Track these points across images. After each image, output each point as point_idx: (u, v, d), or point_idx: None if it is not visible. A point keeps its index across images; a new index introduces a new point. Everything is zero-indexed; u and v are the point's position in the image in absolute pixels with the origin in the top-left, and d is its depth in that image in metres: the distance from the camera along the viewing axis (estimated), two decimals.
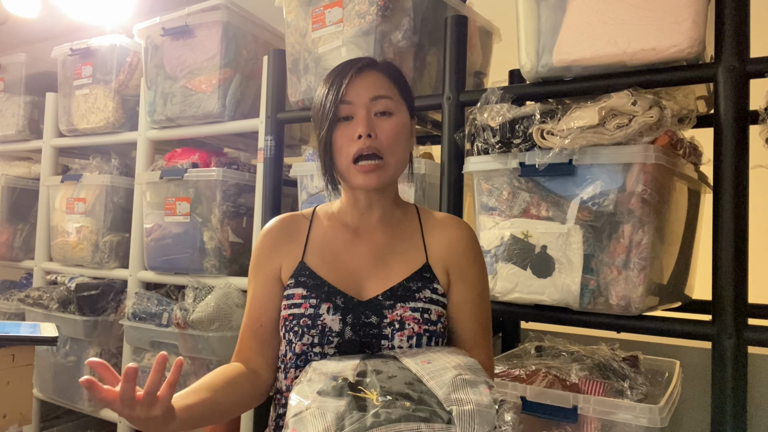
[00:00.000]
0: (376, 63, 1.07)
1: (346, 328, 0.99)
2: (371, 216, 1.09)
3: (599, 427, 1.16)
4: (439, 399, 0.79)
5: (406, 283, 1.03)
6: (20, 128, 2.66)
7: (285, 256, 1.08)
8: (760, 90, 1.19)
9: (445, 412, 0.76)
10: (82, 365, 2.23)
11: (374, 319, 1.00)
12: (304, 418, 0.77)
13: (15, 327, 1.45)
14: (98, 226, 2.32)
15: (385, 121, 1.02)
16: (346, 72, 1.03)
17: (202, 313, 1.82)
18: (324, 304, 1.01)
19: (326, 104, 1.02)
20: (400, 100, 1.06)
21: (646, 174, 1.17)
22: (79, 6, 2.87)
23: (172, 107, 2.09)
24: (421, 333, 0.99)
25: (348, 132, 1.01)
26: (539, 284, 1.29)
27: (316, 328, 0.99)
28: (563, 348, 1.47)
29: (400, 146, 1.03)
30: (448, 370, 0.85)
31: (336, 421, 0.75)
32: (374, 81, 1.04)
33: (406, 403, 0.77)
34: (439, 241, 1.07)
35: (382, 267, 1.05)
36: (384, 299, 1.01)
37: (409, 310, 1.00)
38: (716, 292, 1.16)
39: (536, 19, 1.34)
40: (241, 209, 2.04)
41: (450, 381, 0.82)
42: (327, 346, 0.99)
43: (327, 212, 1.13)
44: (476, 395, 0.79)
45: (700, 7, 1.16)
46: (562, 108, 1.27)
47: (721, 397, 1.13)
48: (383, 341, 0.99)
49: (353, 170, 1.01)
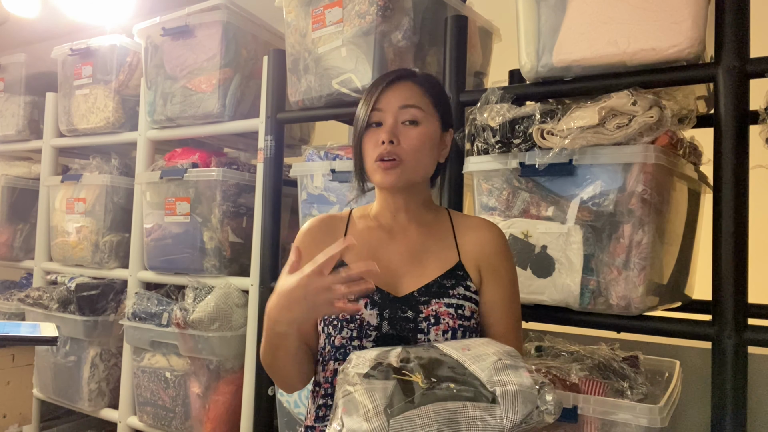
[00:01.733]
0: (412, 74, 1.13)
1: (384, 323, 1.04)
2: (403, 217, 1.14)
3: (599, 427, 1.16)
4: (482, 381, 0.82)
5: (440, 281, 1.07)
6: (20, 128, 2.66)
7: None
8: (760, 90, 1.19)
9: (489, 392, 0.80)
10: (82, 365, 2.23)
11: (410, 314, 1.04)
12: (353, 399, 0.80)
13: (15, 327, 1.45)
14: (98, 226, 2.32)
15: (411, 130, 1.08)
16: (381, 82, 1.11)
17: (202, 313, 1.82)
18: (362, 299, 1.05)
19: (361, 111, 1.11)
20: (431, 111, 1.11)
21: (646, 174, 1.17)
22: (79, 6, 2.87)
23: (172, 107, 2.09)
24: (456, 327, 1.03)
25: (375, 136, 1.08)
26: (539, 284, 1.29)
27: (354, 322, 1.04)
28: (563, 348, 1.47)
29: (422, 154, 1.08)
30: (488, 355, 0.88)
31: (385, 400, 0.78)
32: (406, 91, 1.09)
33: (451, 384, 0.81)
34: (471, 242, 1.12)
35: (417, 265, 1.10)
36: (419, 295, 1.06)
37: (443, 305, 1.04)
38: (716, 292, 1.16)
39: (536, 19, 1.34)
40: (241, 209, 2.04)
41: (491, 365, 0.85)
42: (365, 340, 1.03)
43: (362, 214, 1.19)
44: (518, 377, 0.83)
45: (700, 7, 1.16)
46: (562, 108, 1.27)
47: (721, 397, 1.13)
48: (419, 335, 1.03)
49: (375, 167, 1.07)
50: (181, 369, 1.93)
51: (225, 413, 1.90)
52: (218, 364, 1.88)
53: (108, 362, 2.27)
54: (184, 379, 1.92)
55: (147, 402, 2.02)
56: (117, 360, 2.27)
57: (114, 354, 2.28)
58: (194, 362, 1.89)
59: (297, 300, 0.90)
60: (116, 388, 2.23)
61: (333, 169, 1.70)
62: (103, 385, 2.26)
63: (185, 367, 1.92)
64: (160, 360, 1.98)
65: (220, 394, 1.90)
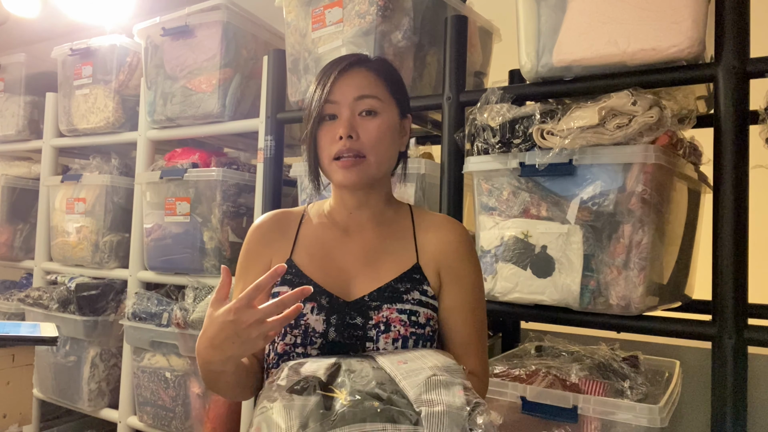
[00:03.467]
0: (365, 60, 1.05)
1: (330, 329, 0.96)
2: (361, 215, 1.07)
3: (599, 427, 1.16)
4: (410, 400, 0.77)
5: (394, 284, 0.99)
6: (20, 128, 2.66)
7: (275, 252, 1.06)
8: (760, 90, 1.19)
9: (414, 413, 0.75)
10: (82, 365, 2.23)
11: (359, 320, 0.97)
12: (268, 416, 0.77)
13: (15, 327, 1.45)
14: (98, 226, 2.32)
15: (370, 121, 1.00)
16: (332, 70, 1.02)
17: (202, 313, 1.82)
18: (308, 303, 0.97)
19: (312, 103, 1.02)
20: (388, 99, 1.03)
21: (646, 174, 1.17)
22: (79, 6, 2.87)
23: (172, 107, 2.09)
24: (408, 336, 0.95)
25: (331, 131, 1.00)
26: (539, 284, 1.29)
27: (299, 328, 0.96)
28: (563, 348, 1.47)
29: (383, 146, 1.01)
30: (423, 370, 0.83)
31: (300, 420, 0.74)
32: (361, 80, 1.01)
33: (375, 402, 0.76)
34: (431, 242, 1.04)
35: (372, 266, 1.02)
36: (370, 300, 0.98)
37: (396, 311, 0.96)
38: (716, 292, 1.16)
39: (536, 19, 1.34)
40: (241, 209, 2.04)
41: (423, 381, 0.80)
42: (310, 347, 0.96)
43: (318, 211, 1.11)
44: (449, 396, 0.78)
45: (700, 7, 1.16)
46: (562, 108, 1.27)
47: (721, 397, 1.13)
48: (368, 343, 0.96)
49: (334, 166, 1.00)
50: (181, 369, 1.93)
51: (225, 413, 1.90)
52: None
53: (108, 362, 2.27)
54: (184, 379, 1.92)
55: (147, 402, 2.02)
56: (117, 360, 2.27)
57: (114, 354, 2.28)
58: (194, 362, 1.89)
59: (228, 338, 0.82)
60: (116, 388, 2.23)
61: None
62: (103, 385, 2.26)
63: (185, 367, 1.92)
64: (160, 360, 1.98)
65: None
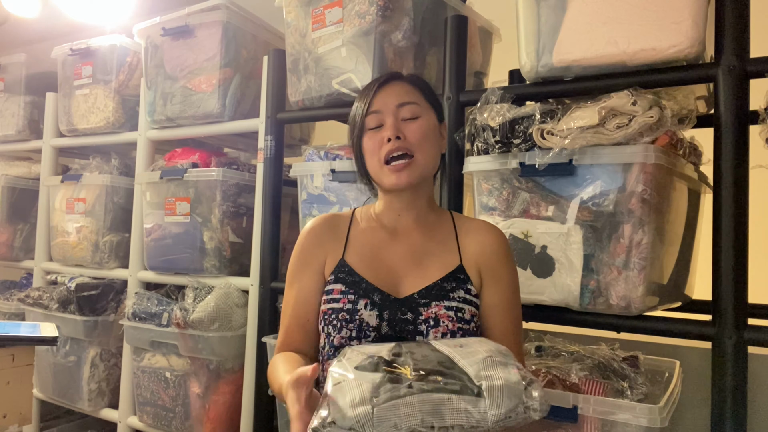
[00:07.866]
0: (400, 75, 1.15)
1: (383, 324, 1.04)
2: (407, 218, 1.15)
3: (599, 427, 1.16)
4: (470, 376, 0.83)
5: (441, 283, 1.07)
6: (20, 128, 2.66)
7: (329, 252, 1.14)
8: (760, 90, 1.19)
9: (475, 386, 0.81)
10: (82, 365, 2.23)
11: (410, 315, 1.04)
12: (342, 388, 0.82)
13: (15, 327, 1.45)
14: (98, 226, 2.32)
15: (413, 123, 1.09)
16: (372, 85, 1.13)
17: (202, 313, 1.82)
18: (362, 300, 1.05)
19: (356, 116, 1.12)
20: (426, 105, 1.13)
21: (646, 174, 1.17)
22: (79, 6, 2.86)
23: (172, 107, 2.09)
24: (455, 330, 1.03)
25: (378, 137, 1.09)
26: (539, 284, 1.29)
27: (354, 323, 1.04)
28: (563, 348, 1.47)
29: (428, 144, 1.10)
30: (479, 353, 0.89)
31: (372, 390, 0.80)
32: (400, 90, 1.11)
33: (438, 377, 0.82)
34: (472, 245, 1.12)
35: (418, 266, 1.10)
36: (420, 297, 1.06)
37: (443, 308, 1.04)
38: (716, 292, 1.16)
39: (536, 19, 1.34)
40: (241, 209, 2.04)
41: (481, 360, 0.86)
42: (364, 340, 1.04)
43: (365, 214, 1.19)
44: (505, 373, 0.84)
45: (700, 7, 1.16)
46: (562, 108, 1.27)
47: (721, 397, 1.13)
48: (418, 337, 1.03)
49: (385, 171, 1.08)
50: (181, 369, 1.93)
51: (225, 413, 1.90)
52: (218, 364, 1.88)
53: (108, 362, 2.27)
54: (184, 379, 1.92)
55: (147, 402, 2.02)
56: (117, 360, 2.27)
57: (114, 354, 2.28)
58: (194, 362, 1.89)
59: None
60: (116, 388, 2.23)
61: (333, 169, 1.70)
62: (103, 385, 2.26)
63: (185, 367, 1.92)
64: (160, 360, 1.98)
65: (220, 394, 1.90)
